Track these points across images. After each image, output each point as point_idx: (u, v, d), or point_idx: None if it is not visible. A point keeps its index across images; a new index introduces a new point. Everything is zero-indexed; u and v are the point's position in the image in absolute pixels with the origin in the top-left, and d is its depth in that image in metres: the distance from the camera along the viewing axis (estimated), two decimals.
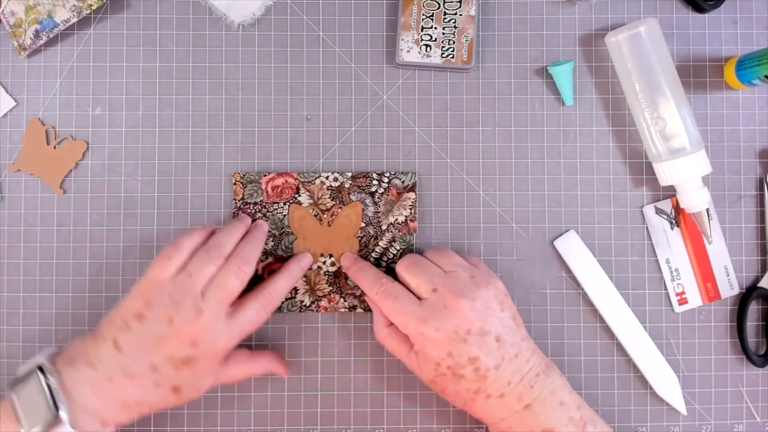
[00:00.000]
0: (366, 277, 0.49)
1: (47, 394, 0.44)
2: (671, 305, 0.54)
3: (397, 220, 0.53)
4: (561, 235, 0.54)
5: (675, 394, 0.52)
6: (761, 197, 0.54)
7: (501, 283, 0.47)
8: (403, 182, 0.53)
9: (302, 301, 0.53)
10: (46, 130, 0.53)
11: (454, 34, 0.53)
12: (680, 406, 0.52)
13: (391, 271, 0.53)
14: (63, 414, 0.43)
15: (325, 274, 0.53)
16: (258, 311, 0.48)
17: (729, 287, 0.54)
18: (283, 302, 0.53)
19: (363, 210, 0.53)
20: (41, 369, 0.45)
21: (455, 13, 0.53)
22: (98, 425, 0.44)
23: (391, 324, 0.49)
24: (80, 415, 0.44)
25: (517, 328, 0.46)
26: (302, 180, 0.53)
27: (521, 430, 0.45)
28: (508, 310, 0.46)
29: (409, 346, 0.47)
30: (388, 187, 0.53)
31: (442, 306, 0.45)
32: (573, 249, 0.53)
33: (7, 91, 0.53)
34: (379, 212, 0.53)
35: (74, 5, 0.52)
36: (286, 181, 0.53)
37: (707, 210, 0.51)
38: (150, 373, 0.44)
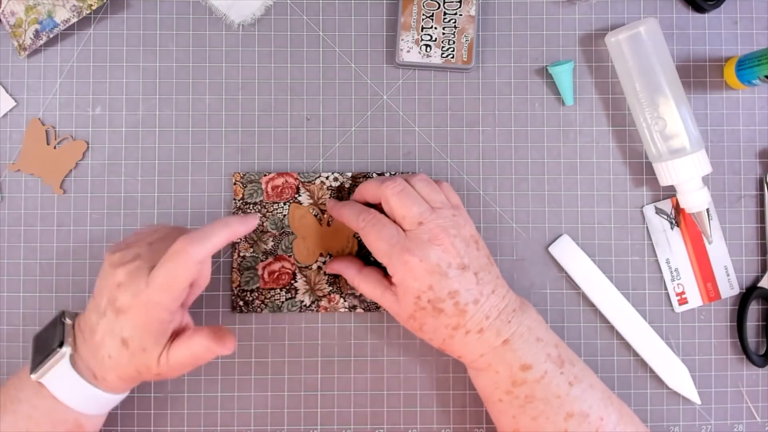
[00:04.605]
0: (352, 210, 0.49)
1: (59, 332, 0.45)
2: (671, 305, 0.54)
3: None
4: (556, 239, 0.54)
5: (687, 384, 0.53)
6: (761, 197, 0.54)
7: (474, 227, 0.48)
8: None
9: (302, 301, 0.53)
10: (46, 130, 0.53)
11: (454, 34, 0.53)
12: (694, 396, 0.52)
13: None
14: (65, 348, 0.44)
15: (325, 274, 0.53)
16: (176, 251, 0.42)
17: (729, 287, 0.54)
18: (282, 302, 0.53)
19: None
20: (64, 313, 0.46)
21: (455, 13, 0.53)
22: (91, 377, 0.45)
23: (363, 269, 0.50)
24: (79, 361, 0.44)
25: (492, 266, 0.47)
26: (302, 180, 0.53)
27: (500, 365, 0.45)
28: (482, 249, 0.47)
29: (385, 286, 0.48)
30: None
31: (426, 239, 0.45)
32: (568, 253, 0.53)
33: (7, 91, 0.53)
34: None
35: (74, 5, 0.52)
36: (286, 181, 0.53)
37: (707, 210, 0.51)
38: (102, 315, 0.44)
